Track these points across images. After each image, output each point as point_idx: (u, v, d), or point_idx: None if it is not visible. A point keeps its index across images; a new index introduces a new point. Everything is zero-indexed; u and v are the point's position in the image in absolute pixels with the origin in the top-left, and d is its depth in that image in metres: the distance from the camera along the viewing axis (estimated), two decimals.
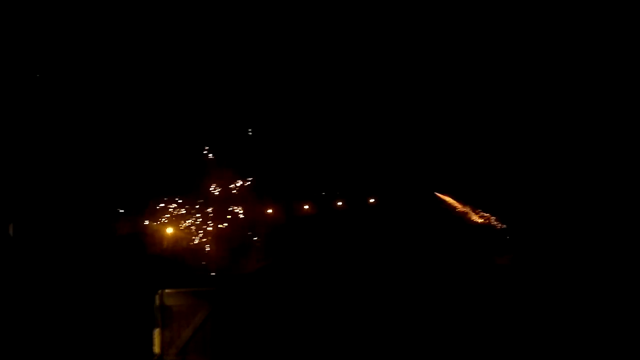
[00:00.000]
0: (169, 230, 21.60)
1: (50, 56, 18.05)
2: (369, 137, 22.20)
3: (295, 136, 23.32)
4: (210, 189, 22.41)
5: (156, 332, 12.73)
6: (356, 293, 12.80)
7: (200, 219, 21.61)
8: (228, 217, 22.37)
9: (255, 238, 21.37)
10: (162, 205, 21.58)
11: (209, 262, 20.61)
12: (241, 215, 22.50)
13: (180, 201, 21.66)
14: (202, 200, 21.89)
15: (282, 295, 13.03)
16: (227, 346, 12.68)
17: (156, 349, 12.65)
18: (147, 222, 20.98)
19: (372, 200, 23.62)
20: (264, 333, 12.63)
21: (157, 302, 12.88)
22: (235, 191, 22.83)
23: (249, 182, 23.14)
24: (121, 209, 21.01)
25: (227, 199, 22.78)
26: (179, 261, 17.16)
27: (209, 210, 22.06)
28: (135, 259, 17.44)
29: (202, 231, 21.68)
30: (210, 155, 22.37)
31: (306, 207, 24.00)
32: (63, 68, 18.54)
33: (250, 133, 22.79)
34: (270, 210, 23.59)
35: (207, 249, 21.16)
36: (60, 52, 18.43)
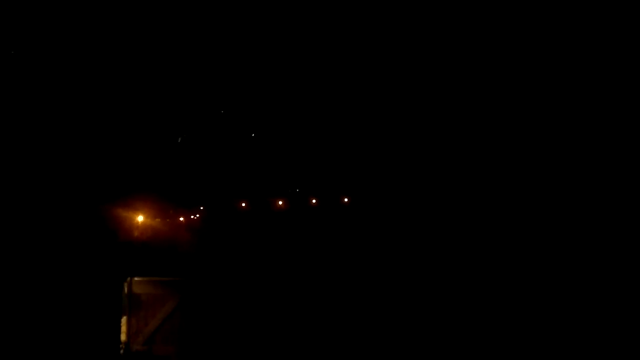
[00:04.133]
0: (140, 219, 21.36)
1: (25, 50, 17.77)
2: (346, 134, 22.19)
3: (274, 132, 23.26)
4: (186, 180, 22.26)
5: (123, 320, 12.64)
6: (324, 288, 12.95)
7: (173, 209, 21.44)
8: (200, 208, 22.19)
9: (227, 231, 21.26)
10: (135, 192, 21.36)
11: (180, 252, 20.43)
12: (214, 207, 22.39)
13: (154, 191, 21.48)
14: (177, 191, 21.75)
15: (252, 289, 13.06)
16: (195, 337, 12.64)
17: (123, 337, 12.55)
18: (118, 209, 20.72)
19: (345, 200, 23.69)
20: (232, 325, 12.64)
21: (126, 289, 12.79)
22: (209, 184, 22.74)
23: (223, 175, 23.07)
24: (91, 195, 20.71)
25: (201, 190, 22.65)
26: (149, 249, 16.97)
27: (182, 200, 21.90)
28: (104, 246, 17.19)
29: (174, 221, 21.50)
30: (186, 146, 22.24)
31: (280, 203, 23.94)
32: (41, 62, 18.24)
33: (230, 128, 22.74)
34: (243, 204, 23.48)
35: (179, 238, 20.99)
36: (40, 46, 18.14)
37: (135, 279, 12.86)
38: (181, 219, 21.97)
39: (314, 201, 25.16)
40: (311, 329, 12.51)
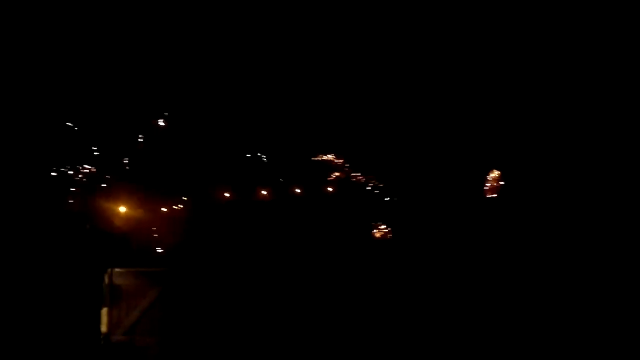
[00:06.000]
0: (122, 209, 21.31)
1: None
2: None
3: (252, 121, 23.33)
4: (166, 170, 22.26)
5: (104, 311, 12.58)
6: (306, 280, 12.99)
7: (155, 200, 21.42)
8: (183, 198, 22.22)
9: (207, 221, 21.27)
10: (116, 183, 21.32)
11: (160, 243, 20.46)
12: (195, 198, 22.40)
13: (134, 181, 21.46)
14: (156, 182, 21.71)
15: (232, 280, 13.06)
16: (175, 328, 12.64)
17: (103, 328, 12.51)
18: (99, 199, 20.66)
19: (330, 189, 23.79)
20: (213, 317, 12.65)
21: (106, 280, 12.73)
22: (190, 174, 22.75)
23: (204, 165, 23.08)
24: (72, 186, 20.65)
25: (183, 181, 22.66)
26: (130, 240, 16.94)
27: (163, 191, 21.87)
28: (84, 236, 17.16)
29: (155, 212, 21.49)
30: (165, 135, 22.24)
31: (263, 192, 24.00)
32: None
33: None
34: (227, 194, 23.52)
35: (160, 229, 21.00)
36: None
37: (116, 270, 12.76)
38: (163, 209, 21.96)
39: (297, 191, 25.24)
40: (293, 321, 12.56)
